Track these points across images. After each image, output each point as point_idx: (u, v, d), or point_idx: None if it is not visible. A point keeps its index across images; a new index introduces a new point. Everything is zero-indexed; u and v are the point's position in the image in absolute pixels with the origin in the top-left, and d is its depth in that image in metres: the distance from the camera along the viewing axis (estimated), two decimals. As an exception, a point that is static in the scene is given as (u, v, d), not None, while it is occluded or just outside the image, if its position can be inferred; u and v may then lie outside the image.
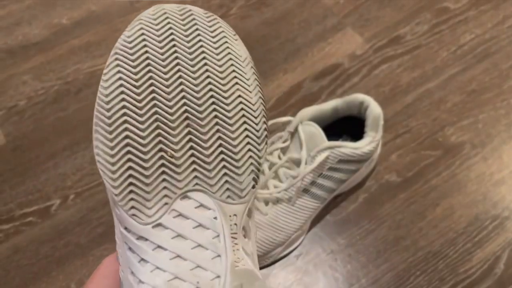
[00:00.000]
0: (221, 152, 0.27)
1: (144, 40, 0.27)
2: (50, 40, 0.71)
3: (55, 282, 0.52)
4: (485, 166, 0.57)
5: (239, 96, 0.28)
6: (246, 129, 0.28)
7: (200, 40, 0.28)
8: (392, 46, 0.68)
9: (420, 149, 0.59)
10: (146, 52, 0.27)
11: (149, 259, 0.25)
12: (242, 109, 0.28)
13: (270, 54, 0.68)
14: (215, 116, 0.27)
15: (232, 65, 0.28)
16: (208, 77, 0.27)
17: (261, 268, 0.52)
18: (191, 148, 0.27)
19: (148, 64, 0.27)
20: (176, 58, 0.27)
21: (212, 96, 0.27)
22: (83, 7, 0.73)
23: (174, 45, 0.27)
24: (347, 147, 0.50)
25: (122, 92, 0.26)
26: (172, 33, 0.28)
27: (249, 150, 0.28)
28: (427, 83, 0.64)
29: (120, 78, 0.26)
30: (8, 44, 0.71)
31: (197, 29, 0.28)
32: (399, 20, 0.70)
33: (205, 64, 0.28)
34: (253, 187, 0.28)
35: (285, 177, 0.51)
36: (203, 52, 0.28)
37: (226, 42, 0.29)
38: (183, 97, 0.27)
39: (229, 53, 0.29)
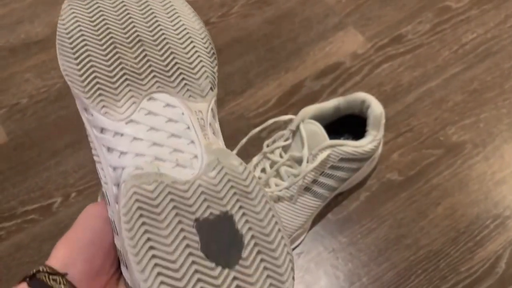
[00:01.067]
0: (176, 63, 0.32)
1: None
2: (52, 38, 0.71)
3: (57, 280, 0.52)
4: (487, 166, 0.57)
5: (183, 24, 0.34)
6: (194, 46, 0.33)
7: None
8: (394, 45, 0.68)
9: (422, 148, 0.59)
10: None
11: (128, 151, 0.29)
12: (188, 33, 0.33)
13: (272, 53, 0.68)
14: (165, 39, 0.32)
15: (172, 5, 0.35)
16: (153, 13, 0.33)
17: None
18: (149, 61, 0.31)
19: (99, 6, 0.32)
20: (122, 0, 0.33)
21: (159, 25, 0.33)
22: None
23: None
24: (349, 146, 0.50)
25: (79, 26, 0.31)
26: None
27: (201, 61, 0.33)
28: (429, 82, 0.64)
29: (75, 17, 0.31)
30: (10, 42, 0.71)
31: None
32: (401, 19, 0.70)
33: (148, 5, 0.34)
34: (211, 89, 0.33)
35: (286, 176, 0.51)
36: None
37: None
38: (134, 26, 0.32)
39: None
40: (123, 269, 0.30)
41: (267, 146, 0.53)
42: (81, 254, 0.30)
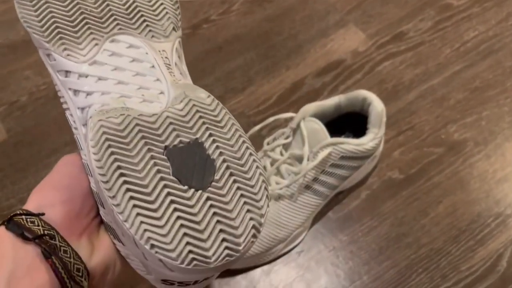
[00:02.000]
0: (137, 6, 0.33)
1: None
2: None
3: (57, 278, 0.52)
4: (488, 164, 0.57)
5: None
6: None
7: None
8: (395, 43, 0.67)
9: (423, 146, 0.59)
10: None
11: (94, 90, 0.29)
12: None
13: (273, 51, 0.67)
14: None
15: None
16: None
17: (263, 264, 0.52)
18: (108, 5, 0.32)
19: None
20: None
21: None
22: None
23: None
24: (350, 144, 0.50)
25: None
26: None
27: (162, 3, 0.34)
28: (430, 80, 0.64)
29: None
30: (10, 39, 0.70)
31: None
32: (402, 17, 0.70)
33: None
34: (174, 29, 0.33)
35: (287, 174, 0.51)
36: None
37: None
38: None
39: None
40: (101, 210, 0.30)
41: (268, 144, 0.53)
42: (59, 196, 0.30)
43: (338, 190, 0.54)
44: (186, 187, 0.27)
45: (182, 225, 0.25)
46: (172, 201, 0.26)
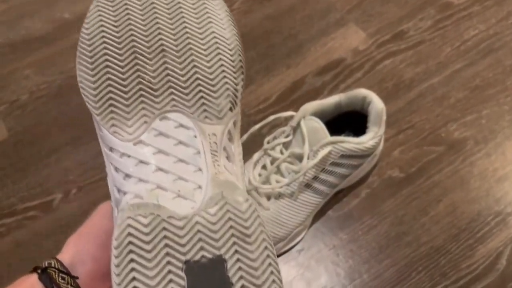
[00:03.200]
0: (197, 79, 0.30)
1: None
2: (52, 34, 0.71)
3: (57, 276, 0.52)
4: (488, 162, 0.57)
5: (213, 32, 0.31)
6: (220, 59, 0.30)
7: None
8: (395, 42, 0.67)
9: (423, 145, 0.59)
10: None
11: (132, 174, 0.27)
12: (216, 42, 0.31)
13: (273, 49, 0.67)
14: (190, 49, 0.30)
15: (205, 7, 0.32)
16: (182, 16, 0.31)
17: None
18: (168, 75, 0.29)
19: (127, 8, 0.30)
20: (153, 2, 0.31)
21: (186, 32, 0.30)
22: (85, 1, 0.72)
23: None
24: (350, 142, 0.50)
25: (102, 31, 0.29)
26: None
27: (225, 77, 0.30)
28: (431, 78, 0.64)
29: (101, 20, 0.30)
30: (10, 38, 0.70)
31: None
32: (403, 16, 0.70)
33: (180, 6, 0.31)
34: (231, 110, 0.30)
35: (287, 172, 0.51)
36: None
37: None
38: (159, 33, 0.30)
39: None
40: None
41: (268, 142, 0.53)
42: (92, 252, 0.30)
43: (338, 188, 0.54)
44: None
45: None
46: None
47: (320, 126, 0.50)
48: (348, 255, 0.53)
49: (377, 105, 0.52)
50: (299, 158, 0.50)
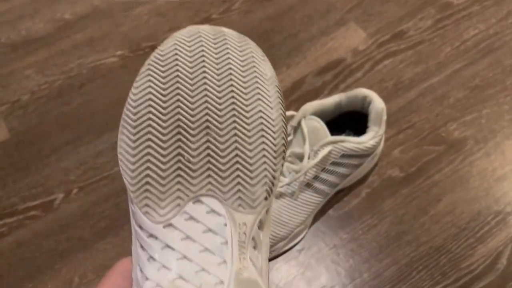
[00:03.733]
0: (237, 162, 0.28)
1: (176, 54, 0.29)
2: (53, 34, 0.71)
3: (59, 275, 0.53)
4: (488, 162, 0.57)
5: (260, 111, 0.29)
6: (263, 142, 0.29)
7: (228, 58, 0.30)
8: (395, 41, 0.67)
9: (423, 145, 0.59)
10: (177, 65, 0.29)
11: (157, 258, 0.26)
12: (261, 123, 0.29)
13: (273, 49, 0.68)
14: (235, 128, 0.28)
15: (256, 82, 0.30)
16: (232, 91, 0.29)
17: (263, 262, 0.52)
18: (208, 155, 0.28)
19: (177, 76, 0.28)
20: (204, 72, 0.29)
21: (234, 109, 0.28)
22: (86, 2, 0.73)
23: (203, 61, 0.29)
24: (350, 142, 0.50)
25: (149, 99, 0.28)
26: (203, 51, 0.30)
27: (265, 162, 0.28)
28: (430, 78, 0.64)
29: (149, 87, 0.28)
30: (11, 38, 0.71)
31: (227, 48, 0.30)
32: (403, 15, 0.70)
33: (231, 79, 0.29)
34: (266, 198, 0.28)
35: (288, 172, 0.51)
36: (230, 69, 0.29)
37: (253, 61, 0.30)
38: (206, 108, 0.28)
39: (254, 71, 0.30)
40: None
41: (268, 142, 0.53)
42: None
43: (339, 188, 0.55)
44: None
45: None
46: None
47: (320, 125, 0.50)
48: (348, 255, 0.53)
49: (377, 104, 0.52)
50: (300, 157, 0.50)
